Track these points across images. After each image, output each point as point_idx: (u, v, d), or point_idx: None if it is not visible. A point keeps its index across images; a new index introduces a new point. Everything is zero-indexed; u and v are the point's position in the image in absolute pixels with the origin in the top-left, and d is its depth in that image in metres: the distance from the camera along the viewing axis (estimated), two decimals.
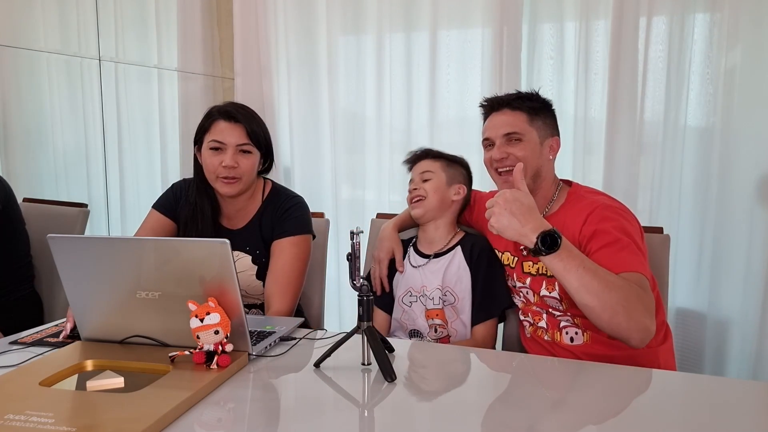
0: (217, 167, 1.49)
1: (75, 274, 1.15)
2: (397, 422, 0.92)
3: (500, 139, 1.41)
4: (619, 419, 0.93)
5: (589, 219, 1.32)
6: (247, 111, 1.55)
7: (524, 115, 1.41)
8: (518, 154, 1.39)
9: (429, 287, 1.54)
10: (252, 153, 1.52)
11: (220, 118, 1.51)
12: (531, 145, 1.40)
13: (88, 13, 2.45)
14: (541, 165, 1.41)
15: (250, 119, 1.53)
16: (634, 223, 1.35)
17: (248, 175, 1.53)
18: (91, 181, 2.56)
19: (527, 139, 1.40)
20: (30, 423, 0.84)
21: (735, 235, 1.95)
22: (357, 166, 2.50)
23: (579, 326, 1.38)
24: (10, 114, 2.34)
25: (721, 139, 1.95)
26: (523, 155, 1.38)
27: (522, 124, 1.40)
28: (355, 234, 1.10)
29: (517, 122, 1.40)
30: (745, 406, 0.98)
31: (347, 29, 2.44)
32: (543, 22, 2.18)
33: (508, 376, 1.14)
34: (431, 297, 1.53)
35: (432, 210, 1.56)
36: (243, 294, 1.58)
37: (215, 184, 1.52)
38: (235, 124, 1.50)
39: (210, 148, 1.50)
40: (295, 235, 1.55)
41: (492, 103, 1.46)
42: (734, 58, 1.92)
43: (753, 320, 1.90)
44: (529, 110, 1.41)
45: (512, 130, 1.40)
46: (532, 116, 1.41)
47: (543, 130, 1.42)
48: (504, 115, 1.42)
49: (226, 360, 1.05)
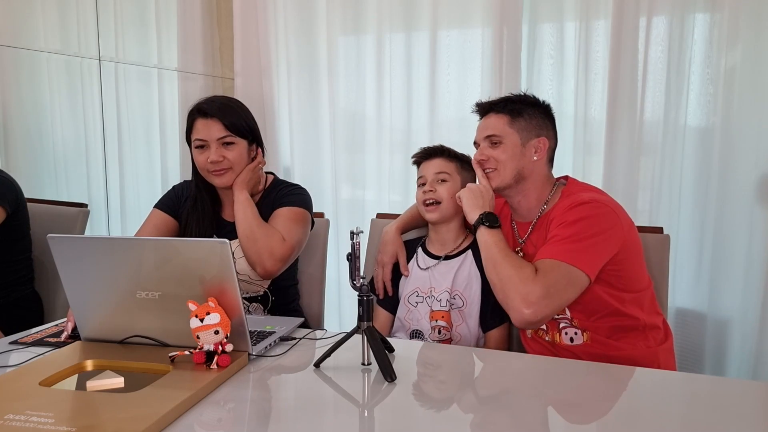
0: (205, 164, 1.53)
1: (75, 274, 1.15)
2: (397, 422, 0.92)
3: (483, 142, 1.46)
4: (619, 419, 0.93)
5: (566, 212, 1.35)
6: (223, 103, 1.56)
7: (506, 118, 1.43)
8: (497, 156, 1.42)
9: (437, 289, 1.53)
10: (236, 143, 1.54)
11: (198, 116, 1.54)
12: (510, 147, 1.42)
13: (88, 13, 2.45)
14: (522, 166, 1.42)
15: (226, 111, 1.54)
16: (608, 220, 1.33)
17: (238, 164, 1.54)
18: (91, 181, 2.56)
19: (507, 141, 1.42)
20: (30, 423, 0.84)
21: (735, 235, 1.95)
22: (357, 166, 2.50)
23: (577, 327, 1.38)
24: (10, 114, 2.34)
25: (721, 139, 1.95)
26: (502, 158, 1.42)
27: (502, 126, 1.43)
28: (355, 234, 1.10)
29: (498, 125, 1.43)
30: (745, 406, 0.98)
31: (347, 29, 2.44)
32: (543, 22, 2.18)
33: (508, 376, 1.14)
34: (438, 299, 1.52)
35: (447, 215, 1.55)
36: (246, 281, 1.58)
37: (209, 178, 1.56)
38: (211, 119, 1.52)
39: (196, 147, 1.54)
40: (294, 206, 1.58)
41: (479, 107, 1.50)
42: (734, 58, 1.92)
43: (753, 320, 1.90)
44: (511, 112, 1.43)
45: (491, 132, 1.43)
46: (514, 118, 1.43)
47: (526, 131, 1.43)
48: (488, 119, 1.46)
49: (226, 360, 1.05)
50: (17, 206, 1.83)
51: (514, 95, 1.48)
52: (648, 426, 0.89)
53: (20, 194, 1.86)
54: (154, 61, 2.67)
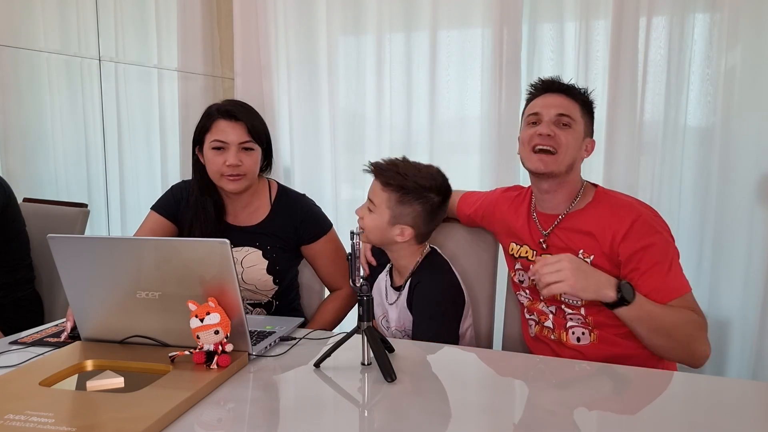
0: (221, 166, 1.50)
1: (75, 274, 1.15)
2: (397, 422, 0.92)
3: (551, 117, 1.35)
4: (619, 419, 0.93)
5: (633, 230, 1.30)
6: (246, 108, 1.56)
7: (578, 106, 1.38)
8: (564, 139, 1.34)
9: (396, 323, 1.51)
10: (254, 150, 1.54)
11: (220, 117, 1.51)
12: (576, 135, 1.36)
13: (88, 13, 2.45)
14: (576, 158, 1.39)
15: (251, 116, 1.54)
16: (668, 231, 1.36)
17: (252, 171, 1.54)
18: (91, 181, 2.56)
19: (575, 127, 1.36)
20: (30, 423, 0.84)
21: (735, 235, 1.95)
22: (357, 166, 2.48)
23: (589, 324, 1.37)
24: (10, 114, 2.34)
25: (721, 139, 1.95)
26: (568, 142, 1.34)
27: (575, 111, 1.37)
28: (355, 234, 1.10)
29: (572, 108, 1.37)
30: (745, 406, 0.98)
31: (347, 29, 2.44)
32: (543, 22, 2.18)
33: (508, 376, 1.14)
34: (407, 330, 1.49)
35: (375, 242, 1.46)
36: (252, 290, 1.59)
37: (220, 182, 1.53)
38: (236, 122, 1.51)
39: (212, 148, 1.51)
40: (324, 234, 1.64)
41: (549, 83, 1.41)
42: (734, 58, 1.92)
43: (753, 320, 1.90)
44: (583, 104, 1.39)
45: (567, 112, 1.35)
46: (584, 110, 1.39)
47: (587, 126, 1.41)
48: (560, 97, 1.38)
49: (226, 360, 1.05)
50: (7, 203, 1.81)
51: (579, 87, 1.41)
52: (648, 426, 0.89)
53: (9, 191, 1.83)
54: (154, 61, 2.67)
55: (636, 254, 1.29)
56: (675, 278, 1.29)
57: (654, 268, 1.28)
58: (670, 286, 1.27)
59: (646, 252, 1.28)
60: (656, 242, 1.30)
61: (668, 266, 1.28)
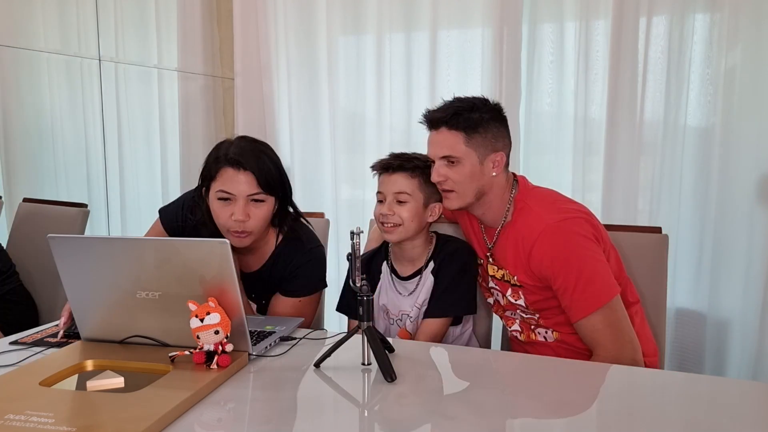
0: (227, 220, 1.35)
1: (75, 274, 1.15)
2: (397, 422, 0.92)
3: (438, 161, 1.36)
4: (618, 419, 0.93)
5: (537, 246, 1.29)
6: (257, 151, 1.37)
7: (461, 136, 1.33)
8: (455, 178, 1.34)
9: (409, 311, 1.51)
10: (265, 201, 1.36)
11: (227, 165, 1.33)
12: (468, 168, 1.33)
13: (88, 13, 2.45)
14: (482, 184, 1.35)
15: (261, 161, 1.35)
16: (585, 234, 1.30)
17: (260, 226, 1.38)
18: (91, 182, 2.56)
19: (464, 162, 1.33)
20: (30, 423, 0.84)
21: (735, 235, 1.95)
22: (357, 166, 2.50)
23: (548, 327, 1.40)
24: (10, 114, 2.34)
25: (721, 139, 1.96)
26: (461, 179, 1.34)
27: (458, 146, 1.33)
28: (355, 234, 1.10)
29: (454, 144, 1.33)
30: (745, 406, 0.98)
31: (347, 29, 2.44)
32: (543, 22, 2.18)
33: (508, 375, 1.14)
34: (410, 315, 1.50)
35: (409, 235, 1.44)
36: None
37: (226, 236, 1.36)
38: (244, 171, 1.33)
39: (218, 198, 1.35)
40: (300, 297, 1.47)
41: (429, 120, 1.39)
42: (734, 58, 1.92)
43: (753, 320, 1.90)
44: (466, 129, 1.33)
45: (448, 153, 1.34)
46: (470, 135, 1.33)
47: (483, 147, 1.34)
48: (441, 134, 1.35)
49: (226, 360, 1.05)
50: None
51: (462, 102, 1.36)
52: (648, 426, 0.89)
53: None
54: (154, 61, 2.67)
55: (545, 270, 1.29)
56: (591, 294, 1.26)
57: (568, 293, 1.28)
58: (584, 303, 1.26)
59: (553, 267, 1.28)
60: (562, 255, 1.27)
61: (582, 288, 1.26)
